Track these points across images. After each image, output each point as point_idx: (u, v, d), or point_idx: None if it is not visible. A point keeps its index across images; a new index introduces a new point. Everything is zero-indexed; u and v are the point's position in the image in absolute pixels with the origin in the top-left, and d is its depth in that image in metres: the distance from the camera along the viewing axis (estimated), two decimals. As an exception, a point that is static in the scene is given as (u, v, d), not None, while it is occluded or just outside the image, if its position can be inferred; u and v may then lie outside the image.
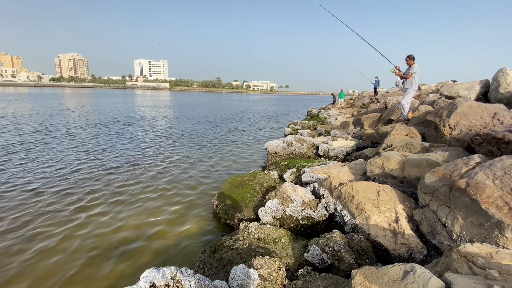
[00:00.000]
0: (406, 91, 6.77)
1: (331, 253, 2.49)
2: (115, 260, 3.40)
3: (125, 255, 3.51)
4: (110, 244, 3.73)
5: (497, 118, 4.65)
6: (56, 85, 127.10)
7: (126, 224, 4.27)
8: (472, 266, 1.67)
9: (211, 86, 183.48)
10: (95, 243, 3.75)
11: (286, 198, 3.65)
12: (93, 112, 19.99)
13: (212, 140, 11.12)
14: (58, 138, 10.18)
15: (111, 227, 4.16)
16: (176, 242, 3.83)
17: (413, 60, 6.55)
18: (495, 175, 2.37)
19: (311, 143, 7.55)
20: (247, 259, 2.72)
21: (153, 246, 3.72)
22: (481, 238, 2.22)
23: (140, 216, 4.53)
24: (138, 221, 4.35)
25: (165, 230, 4.11)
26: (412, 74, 6.55)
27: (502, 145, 3.23)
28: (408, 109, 6.81)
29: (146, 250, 3.61)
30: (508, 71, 6.51)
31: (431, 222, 2.63)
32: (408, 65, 6.67)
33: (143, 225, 4.25)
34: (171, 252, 3.58)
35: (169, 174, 6.63)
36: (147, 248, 3.65)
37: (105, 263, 3.36)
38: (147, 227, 4.20)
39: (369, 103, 16.78)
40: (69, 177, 6.09)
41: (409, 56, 6.57)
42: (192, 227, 4.23)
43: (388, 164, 3.79)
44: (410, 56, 6.56)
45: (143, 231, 4.09)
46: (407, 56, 6.61)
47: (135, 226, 4.20)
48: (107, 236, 3.93)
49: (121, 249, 3.62)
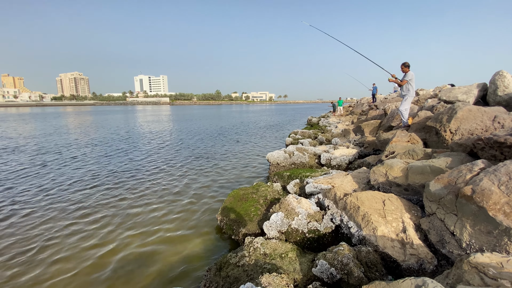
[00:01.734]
0: (404, 98, 6.86)
1: (339, 267, 2.44)
2: (118, 280, 3.35)
3: (129, 275, 3.45)
4: (112, 264, 3.68)
5: (497, 121, 4.65)
6: (58, 104, 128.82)
7: (128, 242, 4.22)
8: (483, 277, 1.64)
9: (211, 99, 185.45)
10: (97, 263, 3.70)
11: (290, 211, 3.61)
12: (95, 130, 20.14)
13: (213, 153, 11.13)
14: (59, 156, 10.23)
15: (113, 246, 4.11)
16: (181, 260, 3.77)
17: (408, 67, 6.69)
18: (500, 180, 2.35)
19: (312, 153, 7.54)
20: (254, 276, 2.67)
21: (157, 264, 3.66)
22: (490, 246, 2.18)
23: (143, 233, 4.48)
24: (141, 239, 4.31)
25: (170, 248, 4.06)
26: (407, 81, 6.67)
27: (505, 149, 3.22)
28: (407, 115, 6.86)
29: (150, 270, 3.55)
30: (505, 73, 6.57)
31: (439, 231, 2.60)
32: (403, 73, 6.80)
33: (146, 243, 4.20)
34: (176, 271, 3.52)
35: (171, 189, 6.61)
36: (151, 267, 3.60)
37: (108, 283, 3.31)
38: (151, 245, 4.15)
39: (368, 110, 16.86)
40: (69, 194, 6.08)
41: (404, 64, 6.71)
42: (196, 244, 4.17)
43: (391, 172, 3.77)
44: (405, 64, 6.69)
45: (147, 249, 4.03)
46: (402, 64, 6.75)
47: (138, 245, 4.15)
48: (109, 255, 3.88)
49: (124, 269, 3.57)
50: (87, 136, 16.54)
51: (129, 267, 3.62)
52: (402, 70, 6.79)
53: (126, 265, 3.66)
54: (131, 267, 3.62)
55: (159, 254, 3.90)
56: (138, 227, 4.69)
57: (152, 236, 4.41)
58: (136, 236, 4.40)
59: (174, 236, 4.40)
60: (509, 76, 6.53)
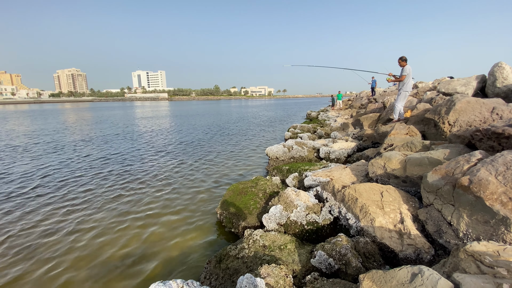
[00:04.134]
0: (399, 92, 6.93)
1: (337, 258, 2.47)
2: (119, 274, 3.38)
3: (129, 268, 3.48)
4: (113, 258, 3.71)
5: (496, 112, 4.65)
6: (55, 100, 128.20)
7: (129, 236, 4.25)
8: (480, 265, 1.66)
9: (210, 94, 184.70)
10: (97, 256, 3.73)
11: (289, 203, 3.63)
12: (94, 126, 20.08)
13: (212, 148, 11.13)
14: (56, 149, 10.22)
15: (113, 239, 4.14)
16: (181, 253, 3.80)
17: (406, 61, 6.69)
18: (497, 170, 2.36)
19: (311, 146, 7.55)
20: (253, 267, 2.70)
21: (157, 258, 3.69)
22: (487, 236, 2.20)
23: (143, 227, 4.51)
24: (140, 233, 4.33)
25: (170, 241, 4.09)
26: (405, 76, 6.68)
27: (503, 140, 3.23)
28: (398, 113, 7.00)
29: (150, 263, 3.59)
30: (504, 65, 6.55)
31: (436, 221, 2.62)
32: (401, 67, 6.81)
33: (146, 237, 4.23)
34: (176, 264, 3.55)
35: (171, 184, 6.62)
36: (151, 261, 3.63)
37: (109, 276, 3.34)
38: (151, 238, 4.18)
39: (367, 103, 16.82)
40: (70, 186, 6.09)
41: (401, 58, 6.72)
42: (196, 237, 4.20)
43: (389, 164, 3.78)
44: (402, 58, 6.70)
45: (147, 243, 4.06)
46: (399, 58, 6.76)
47: (138, 238, 4.18)
48: (110, 249, 3.91)
49: (125, 262, 3.60)
50: (82, 133, 16.51)
51: (129, 260, 3.65)
52: (400, 64, 6.82)
53: (126, 258, 3.69)
54: (130, 260, 3.65)
55: (159, 248, 3.93)
56: (136, 221, 4.72)
57: (153, 230, 4.44)
58: (135, 229, 4.43)
59: (174, 230, 4.43)
60: (508, 67, 6.51)
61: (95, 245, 4.04)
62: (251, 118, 25.97)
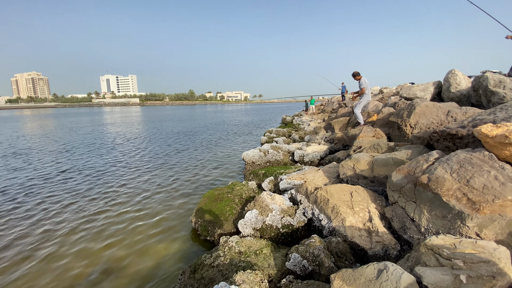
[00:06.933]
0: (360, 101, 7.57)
1: (311, 259, 2.51)
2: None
3: (98, 283, 3.26)
4: (80, 272, 3.45)
5: (450, 115, 5.09)
6: (13, 107, 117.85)
7: (97, 249, 3.98)
8: (438, 258, 1.78)
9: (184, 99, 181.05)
10: (65, 270, 3.44)
11: (265, 207, 3.64)
12: (56, 134, 18.68)
13: (186, 155, 10.87)
14: (21, 161, 9.34)
15: (80, 252, 3.86)
16: (154, 265, 3.63)
17: (359, 75, 7.45)
18: (452, 168, 2.57)
19: (286, 150, 7.68)
20: (229, 275, 2.66)
21: (129, 271, 3.49)
22: (446, 230, 2.37)
23: (112, 240, 4.25)
24: (110, 245, 4.08)
25: (142, 253, 3.89)
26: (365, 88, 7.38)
27: (457, 140, 3.53)
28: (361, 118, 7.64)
29: (121, 277, 3.38)
30: (456, 72, 7.21)
31: (401, 218, 2.78)
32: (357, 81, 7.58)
33: (116, 249, 3.99)
34: (148, 277, 3.38)
35: (142, 193, 6.34)
36: (122, 274, 3.42)
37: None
38: (122, 251, 3.95)
39: (338, 108, 17.55)
40: (36, 199, 5.58)
41: (353, 74, 7.55)
42: (169, 248, 4.04)
43: (358, 166, 3.96)
44: (354, 74, 7.58)
45: (117, 256, 3.83)
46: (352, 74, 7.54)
47: (106, 251, 3.93)
48: (76, 262, 3.64)
49: (93, 277, 3.36)
50: (47, 139, 15.30)
51: (96, 274, 3.41)
52: (355, 79, 7.56)
53: (93, 273, 3.45)
54: (98, 274, 3.42)
55: (130, 261, 3.72)
56: (107, 233, 4.44)
57: (123, 242, 4.20)
58: (105, 242, 4.16)
59: (145, 241, 4.23)
60: (460, 74, 7.18)
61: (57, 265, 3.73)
62: (227, 124, 25.85)
